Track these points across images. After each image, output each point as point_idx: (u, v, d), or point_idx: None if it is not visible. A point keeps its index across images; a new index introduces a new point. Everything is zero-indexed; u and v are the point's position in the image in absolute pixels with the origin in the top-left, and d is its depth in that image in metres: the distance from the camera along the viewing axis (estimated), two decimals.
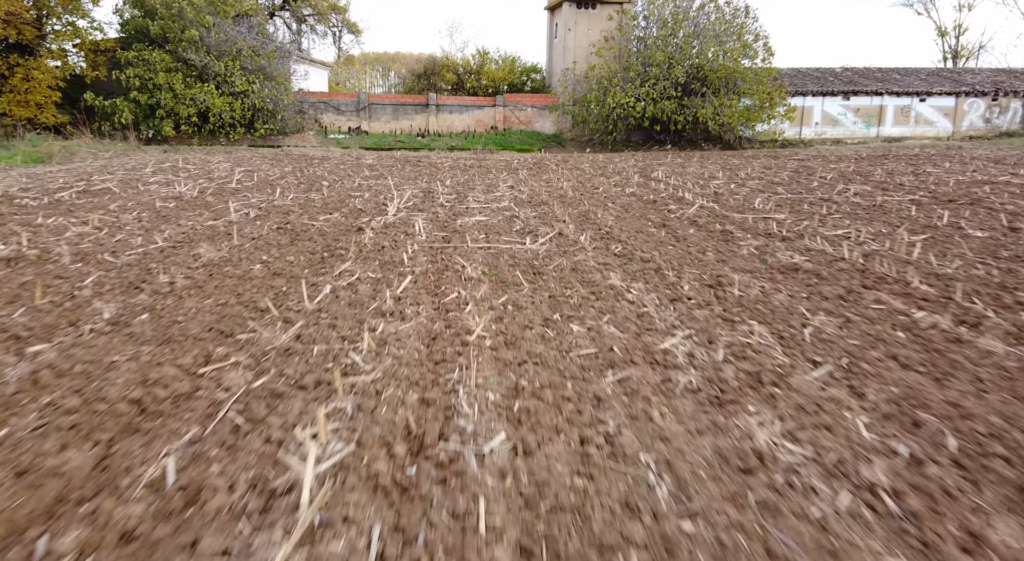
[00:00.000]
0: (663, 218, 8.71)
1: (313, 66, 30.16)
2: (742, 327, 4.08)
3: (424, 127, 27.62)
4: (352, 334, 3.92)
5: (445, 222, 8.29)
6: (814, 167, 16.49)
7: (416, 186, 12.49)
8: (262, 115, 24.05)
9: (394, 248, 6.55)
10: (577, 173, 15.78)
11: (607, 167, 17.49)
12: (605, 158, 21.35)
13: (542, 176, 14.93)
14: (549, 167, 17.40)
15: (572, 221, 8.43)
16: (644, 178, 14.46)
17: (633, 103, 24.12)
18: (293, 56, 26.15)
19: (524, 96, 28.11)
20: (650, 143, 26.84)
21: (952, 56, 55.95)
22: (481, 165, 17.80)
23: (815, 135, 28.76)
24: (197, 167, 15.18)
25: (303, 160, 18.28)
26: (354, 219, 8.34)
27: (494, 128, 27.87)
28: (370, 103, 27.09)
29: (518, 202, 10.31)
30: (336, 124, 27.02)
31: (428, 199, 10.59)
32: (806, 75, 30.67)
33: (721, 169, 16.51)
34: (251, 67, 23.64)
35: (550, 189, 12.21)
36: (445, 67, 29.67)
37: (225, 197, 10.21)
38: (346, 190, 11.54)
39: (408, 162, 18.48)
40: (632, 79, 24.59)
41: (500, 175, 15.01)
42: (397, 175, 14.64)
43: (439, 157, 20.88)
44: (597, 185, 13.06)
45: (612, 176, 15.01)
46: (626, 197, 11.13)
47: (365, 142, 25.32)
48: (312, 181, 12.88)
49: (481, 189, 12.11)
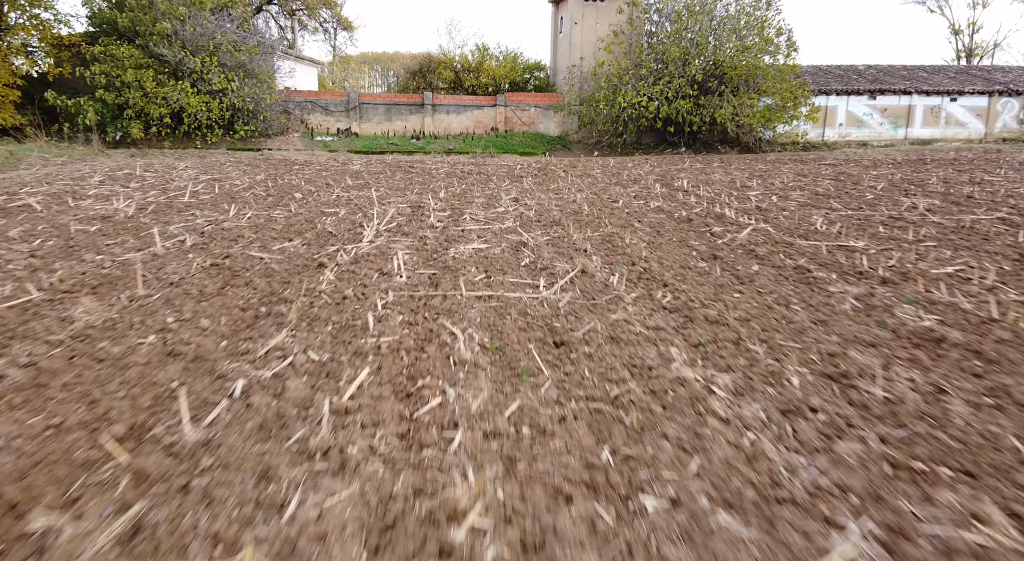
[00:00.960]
0: (710, 246, 6.97)
1: (300, 63, 28.45)
2: (945, 496, 2.32)
3: (419, 128, 25.91)
4: (231, 529, 2.17)
5: (434, 252, 6.55)
6: (854, 174, 14.77)
7: (404, 198, 10.76)
8: (242, 115, 22.32)
9: (360, 299, 4.80)
10: (589, 181, 14.05)
11: (621, 174, 15.77)
12: (617, 163, 19.62)
13: (550, 185, 13.21)
14: (556, 174, 15.68)
15: (595, 250, 6.69)
16: (667, 187, 12.73)
17: (646, 103, 22.41)
18: (277, 52, 24.44)
19: (527, 95, 26.40)
20: (663, 146, 25.12)
21: (966, 55, 54.42)
22: (481, 171, 16.07)
23: (839, 137, 27.05)
24: (156, 175, 13.44)
25: (282, 166, 16.55)
26: (318, 248, 6.60)
27: (494, 130, 26.15)
28: (361, 102, 25.37)
29: (525, 221, 8.58)
30: (324, 125, 25.30)
31: (416, 217, 8.86)
32: (828, 73, 28.96)
33: (750, 176, 14.79)
34: (231, 63, 21.92)
35: (561, 202, 10.48)
36: (442, 64, 27.91)
37: (167, 216, 8.45)
38: (320, 205, 9.80)
39: (399, 168, 16.75)
40: (645, 77, 22.87)
41: (502, 184, 13.29)
42: (384, 184, 12.90)
43: (434, 162, 19.16)
44: (615, 196, 11.33)
45: (630, 185, 13.28)
46: (653, 213, 9.39)
47: (355, 145, 23.58)
48: (283, 193, 11.15)
49: (480, 203, 10.39)
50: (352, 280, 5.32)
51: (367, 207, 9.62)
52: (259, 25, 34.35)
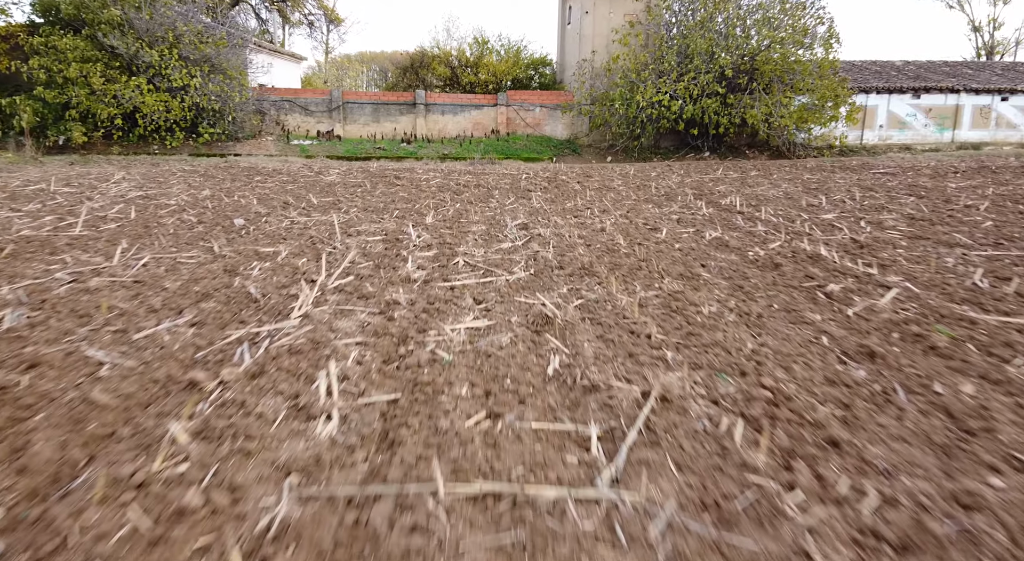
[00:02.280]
0: (843, 323, 4.41)
1: (279, 58, 25.94)
2: None
3: (410, 130, 23.40)
4: None
5: (402, 341, 4.03)
6: (929, 186, 12.28)
7: (379, 226, 8.25)
8: (208, 116, 19.81)
9: (212, 515, 2.30)
10: (612, 197, 11.56)
11: (648, 186, 13.26)
12: (638, 171, 17.12)
13: (564, 203, 10.71)
14: (570, 186, 13.18)
15: (663, 332, 4.17)
16: (713, 206, 10.22)
17: (668, 101, 19.92)
18: (250, 45, 21.94)
19: (531, 93, 23.90)
20: (684, 150, 22.63)
21: (987, 52, 52.23)
22: (480, 183, 13.57)
23: (879, 140, 24.56)
24: (74, 192, 10.92)
25: (243, 176, 14.04)
26: (212, 335, 4.07)
27: (495, 132, 23.66)
28: (345, 102, 22.87)
29: (541, 266, 6.07)
30: (303, 127, 22.80)
31: (389, 260, 6.35)
32: (864, 69, 26.49)
33: (805, 189, 12.29)
34: (194, 57, 19.42)
35: (586, 232, 7.97)
36: (436, 59, 25.39)
37: (24, 263, 5.92)
38: (260, 239, 7.29)
39: (383, 179, 14.24)
40: (666, 72, 20.39)
41: (506, 202, 10.79)
42: (359, 203, 10.39)
43: (426, 170, 16.65)
44: (652, 221, 8.83)
45: (665, 203, 10.78)
46: (716, 250, 6.88)
47: (336, 149, 21.07)
48: (220, 218, 8.63)
49: (479, 233, 7.88)
50: (225, 436, 2.80)
51: (324, 243, 7.11)
52: (238, 20, 31.92)
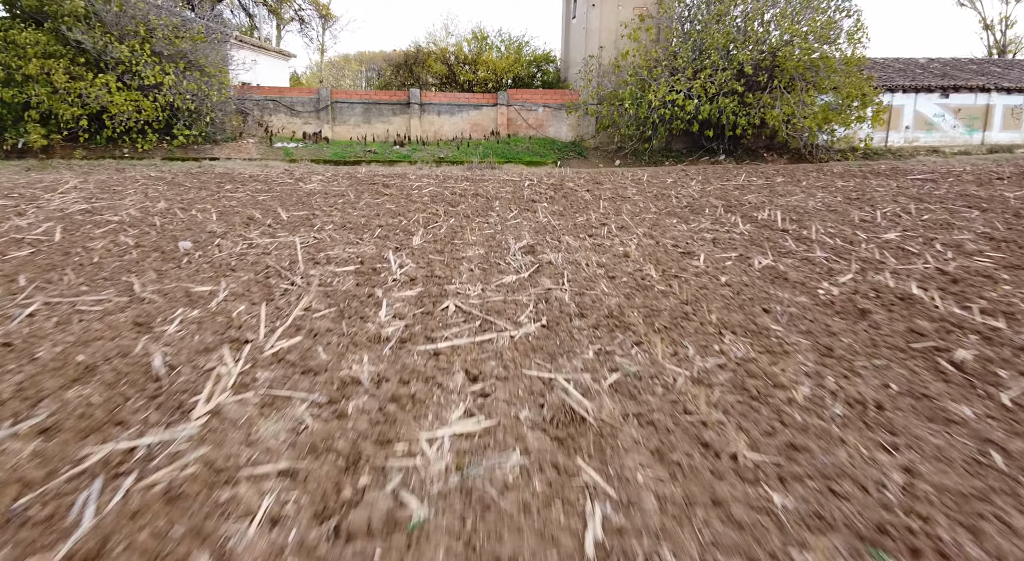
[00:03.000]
0: (1017, 430, 3.04)
1: (265, 54, 24.51)
2: None
3: (404, 132, 21.98)
4: None
5: (354, 460, 2.58)
6: (984, 196, 10.86)
7: (356, 250, 6.82)
8: (183, 117, 18.39)
9: None
10: (629, 208, 10.13)
11: (667, 195, 11.83)
12: (651, 176, 15.70)
13: (575, 216, 9.29)
14: (579, 195, 11.76)
15: (753, 449, 2.76)
16: (750, 221, 8.79)
17: (682, 101, 18.50)
18: (231, 40, 20.51)
19: (534, 92, 22.48)
20: (698, 153, 21.21)
21: (999, 51, 51.06)
22: (478, 192, 12.15)
23: (904, 142, 23.13)
24: (12, 203, 9.48)
25: (212, 184, 12.61)
26: (60, 454, 2.60)
27: (495, 134, 22.23)
28: (333, 101, 21.43)
29: (555, 312, 4.64)
30: (289, 128, 21.37)
31: (358, 303, 4.92)
32: (887, 66, 25.08)
33: (846, 199, 10.86)
34: (168, 52, 18.00)
35: (605, 258, 6.54)
36: (432, 56, 23.96)
37: None
38: (199, 272, 5.85)
39: (370, 187, 12.82)
40: (681, 69, 18.97)
41: (507, 215, 9.37)
42: (336, 219, 8.95)
43: (419, 176, 15.23)
44: (682, 242, 7.40)
45: (691, 217, 9.35)
46: (772, 286, 5.43)
47: (323, 153, 19.64)
48: (166, 240, 7.19)
49: (475, 260, 6.45)
50: None
51: (280, 276, 5.68)
52: (226, 15, 30.51)
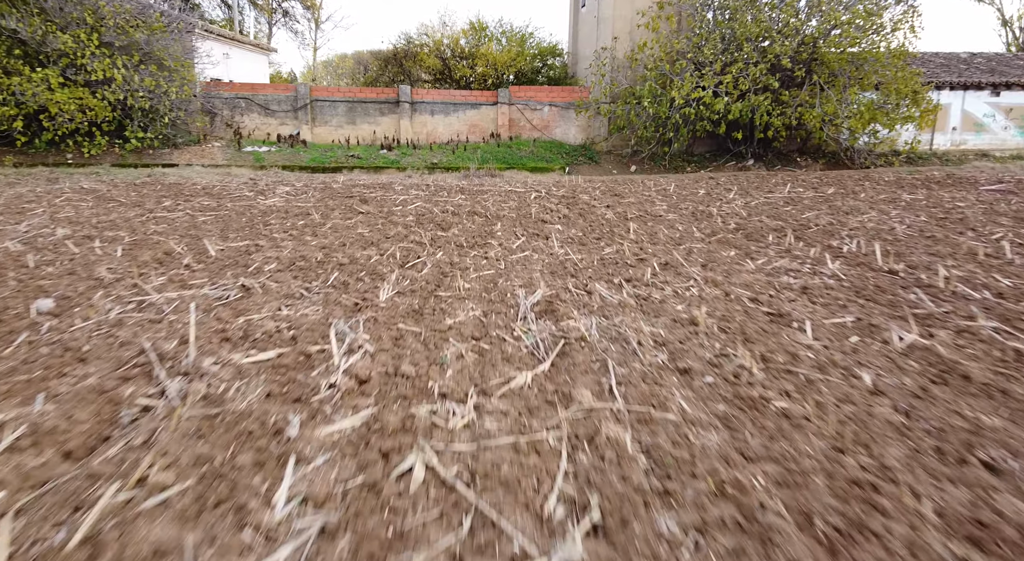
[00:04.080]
0: None
1: (238, 47, 22.30)
2: None
3: (393, 133, 19.78)
4: None
5: None
6: None
7: (292, 314, 4.58)
8: (138, 117, 16.20)
9: None
10: (666, 233, 7.92)
11: (706, 212, 9.62)
12: (678, 187, 13.48)
13: (601, 247, 7.07)
14: (599, 213, 9.55)
15: None
16: (834, 255, 6.55)
17: (709, 99, 16.32)
18: (197, 30, 18.32)
19: (539, 89, 20.29)
20: (725, 157, 19.03)
21: (1018, 48, 49.32)
22: (475, 209, 9.94)
23: (951, 145, 20.96)
24: None
25: (149, 201, 10.40)
26: None
27: (495, 136, 20.04)
28: (313, 99, 19.24)
29: (610, 473, 2.39)
30: (264, 129, 19.17)
31: (256, 444, 2.66)
32: (927, 61, 22.91)
33: (932, 219, 8.64)
34: (120, 43, 15.82)
35: (662, 326, 4.29)
36: (424, 49, 21.79)
37: None
38: (36, 360, 3.65)
39: (345, 202, 10.62)
40: (708, 62, 16.80)
41: (512, 244, 7.17)
42: (286, 254, 6.72)
43: (407, 187, 13.03)
44: (761, 293, 5.17)
45: (751, 247, 7.14)
46: (957, 394, 3.20)
47: (300, 158, 17.44)
48: (17, 299, 4.99)
49: (468, 326, 4.22)
50: None
51: (147, 377, 3.49)
52: (202, 6, 28.40)
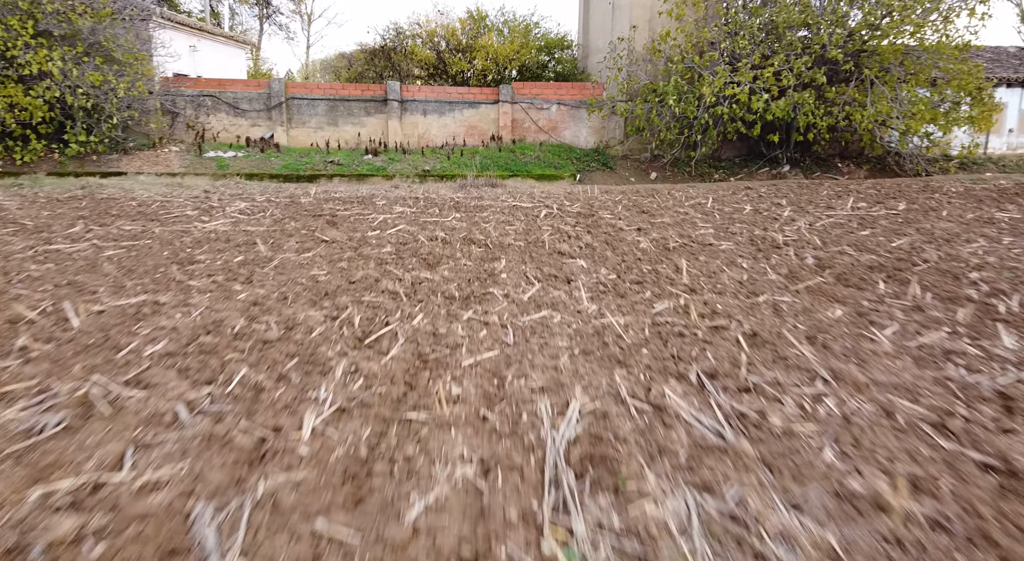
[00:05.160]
0: None
1: (209, 39, 20.11)
2: None
3: (380, 136, 17.62)
4: None
5: None
6: None
7: (148, 462, 2.46)
8: (80, 118, 14.02)
9: None
10: (730, 276, 5.75)
11: (765, 238, 7.41)
12: (716, 201, 11.24)
13: (651, 301, 4.88)
14: (628, 239, 7.35)
15: None
16: (983, 312, 4.41)
17: (744, 96, 14.16)
18: (155, 18, 16.14)
19: (545, 86, 18.12)
20: (756, 163, 16.89)
21: None
22: (472, 234, 7.75)
23: (1008, 148, 18.84)
24: None
25: (53, 226, 8.21)
26: None
27: (496, 138, 17.88)
28: (289, 97, 17.07)
29: None
30: (233, 131, 17.00)
31: None
32: (977, 54, 20.79)
33: None
34: (61, 33, 13.67)
35: (823, 504, 2.13)
36: (416, 40, 19.63)
37: None
38: None
39: (309, 225, 8.43)
40: (745, 53, 14.65)
41: (520, 294, 4.98)
42: (192, 322, 4.52)
43: (391, 202, 10.84)
44: (957, 426, 2.89)
45: (859, 299, 4.90)
46: None
47: (270, 165, 15.24)
48: None
49: (455, 515, 2.10)
50: None
51: None
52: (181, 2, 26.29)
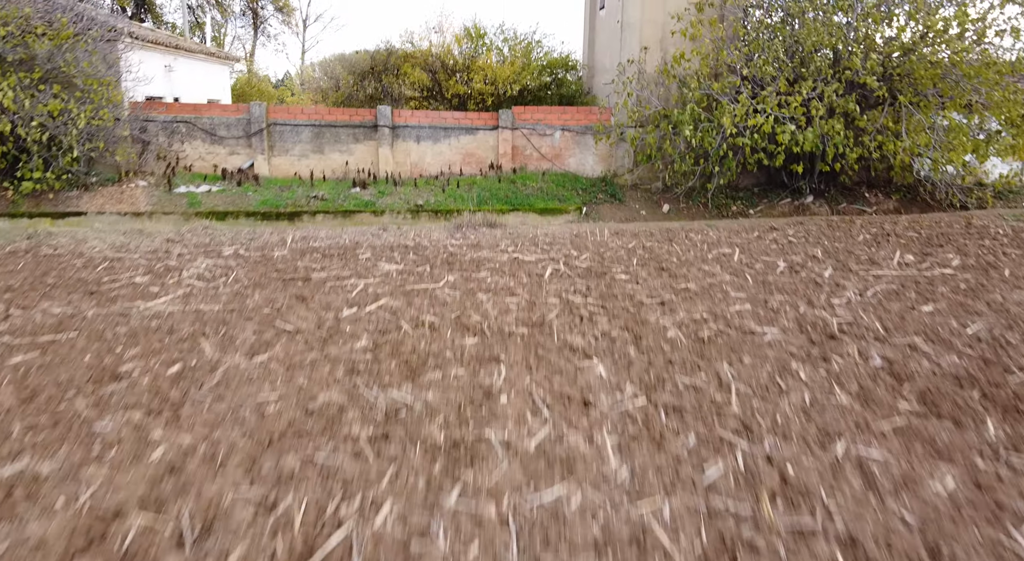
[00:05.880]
0: None
1: (187, 57, 18.89)
2: None
3: (370, 165, 16.40)
4: None
5: None
6: None
7: None
8: (38, 151, 12.81)
9: None
10: (797, 404, 4.33)
11: (823, 327, 5.92)
12: (744, 253, 9.92)
13: (699, 453, 3.55)
14: (659, 330, 5.97)
15: None
16: None
17: (768, 126, 12.93)
18: (124, 38, 14.92)
19: (549, 110, 16.90)
20: (777, 194, 15.67)
21: None
22: (466, 319, 6.43)
23: None
24: None
25: None
26: None
27: (496, 167, 16.67)
28: (272, 123, 15.87)
29: None
30: (210, 159, 15.79)
31: None
32: (1020, 78, 19.55)
33: None
34: (15, 58, 12.47)
35: None
36: (410, 60, 18.37)
37: None
38: None
39: (274, 299, 7.14)
40: (769, 77, 13.43)
41: (528, 442, 3.56)
42: (58, 526, 3.31)
43: (375, 254, 9.53)
44: None
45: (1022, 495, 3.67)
46: None
47: (247, 201, 14.02)
48: None
49: None
50: None
51: None
52: (162, 13, 25.11)
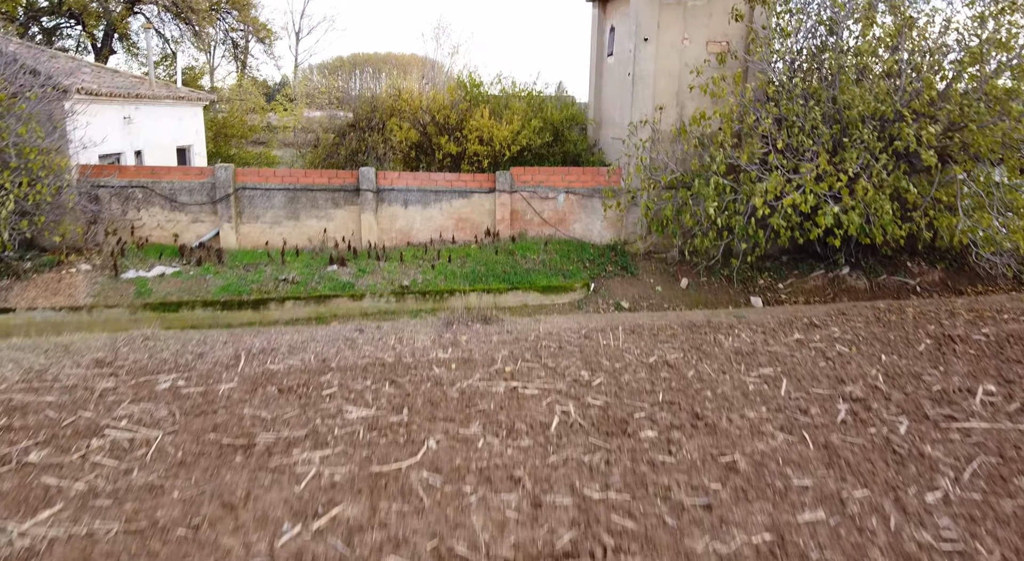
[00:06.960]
0: None
1: (149, 104, 17.20)
2: None
3: (352, 232, 14.69)
4: None
5: None
6: None
7: None
8: None
9: None
10: None
11: (931, 553, 4.18)
12: (790, 381, 7.75)
13: None
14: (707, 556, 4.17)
15: None
16: None
17: (806, 205, 11.23)
18: (72, 93, 13.23)
19: (551, 172, 15.21)
20: (810, 266, 13.99)
21: None
22: (460, 508, 4.66)
23: None
24: None
25: None
26: None
27: (492, 234, 14.97)
28: (239, 186, 14.18)
29: None
30: (170, 227, 14.07)
31: None
32: None
33: None
34: None
35: None
36: (396, 114, 16.63)
37: None
38: None
39: (212, 461, 5.20)
40: (806, 148, 11.75)
41: None
42: None
43: (344, 382, 7.52)
44: None
45: None
46: None
47: (206, 285, 12.27)
48: None
49: None
50: None
51: None
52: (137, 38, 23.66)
